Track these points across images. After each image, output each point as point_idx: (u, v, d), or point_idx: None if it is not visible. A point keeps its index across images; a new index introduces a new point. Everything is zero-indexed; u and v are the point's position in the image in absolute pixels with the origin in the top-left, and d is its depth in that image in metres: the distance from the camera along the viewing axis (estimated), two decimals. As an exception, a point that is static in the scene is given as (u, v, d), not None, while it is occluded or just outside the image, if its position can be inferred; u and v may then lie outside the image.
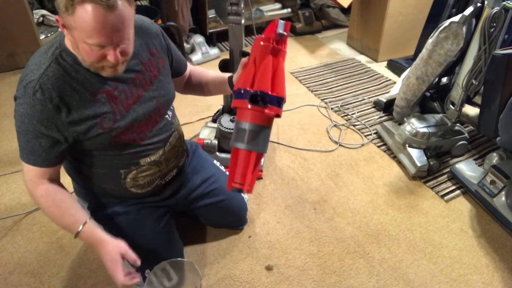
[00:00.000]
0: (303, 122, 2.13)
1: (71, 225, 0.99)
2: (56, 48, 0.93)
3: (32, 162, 0.97)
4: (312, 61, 2.82)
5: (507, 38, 1.53)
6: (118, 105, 0.99)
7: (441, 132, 1.77)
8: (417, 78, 1.85)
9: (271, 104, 0.87)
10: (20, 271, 1.33)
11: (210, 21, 2.92)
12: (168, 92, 1.13)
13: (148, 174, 1.14)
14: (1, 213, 1.55)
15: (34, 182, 0.99)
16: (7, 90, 2.31)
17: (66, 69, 0.92)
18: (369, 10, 2.73)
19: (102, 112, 0.97)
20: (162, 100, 1.10)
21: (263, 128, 0.89)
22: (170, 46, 1.16)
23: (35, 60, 0.93)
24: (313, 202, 1.62)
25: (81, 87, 0.94)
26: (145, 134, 1.07)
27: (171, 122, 1.17)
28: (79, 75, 0.93)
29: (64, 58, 0.92)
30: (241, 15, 1.51)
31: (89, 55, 0.87)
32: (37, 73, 0.90)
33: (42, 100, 0.90)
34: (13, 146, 1.89)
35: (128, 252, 0.99)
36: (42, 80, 0.89)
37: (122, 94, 1.00)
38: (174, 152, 1.20)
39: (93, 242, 1.00)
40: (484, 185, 1.56)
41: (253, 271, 1.34)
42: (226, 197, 1.36)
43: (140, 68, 1.04)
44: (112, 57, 0.87)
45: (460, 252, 1.42)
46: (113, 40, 0.85)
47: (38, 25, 2.92)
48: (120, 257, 0.97)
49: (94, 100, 0.96)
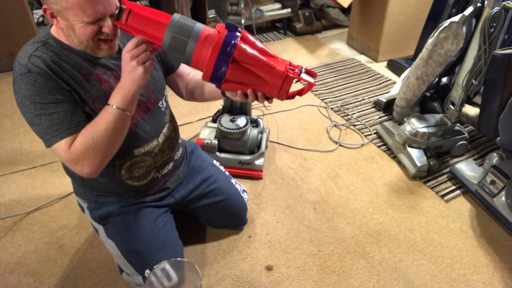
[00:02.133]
0: (303, 122, 2.13)
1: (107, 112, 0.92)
2: (42, 37, 0.95)
3: (66, 133, 0.91)
4: (312, 61, 2.82)
5: (507, 38, 1.53)
6: (108, 89, 1.00)
7: (441, 132, 1.77)
8: (417, 78, 1.85)
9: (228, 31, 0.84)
10: (20, 271, 1.33)
11: (210, 21, 2.92)
12: (156, 80, 1.13)
13: (143, 165, 1.14)
14: (1, 213, 1.55)
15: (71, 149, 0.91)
16: (7, 90, 2.31)
17: (54, 52, 0.93)
18: (369, 10, 2.73)
19: (94, 93, 0.97)
20: (150, 86, 1.10)
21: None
22: None
23: (23, 49, 0.94)
24: (313, 202, 1.62)
25: (72, 68, 0.95)
26: (137, 120, 1.07)
27: (163, 113, 1.18)
28: (68, 58, 0.94)
29: (52, 44, 0.94)
30: (241, 15, 1.51)
31: (85, 33, 0.88)
32: (25, 56, 0.91)
33: (40, 73, 0.89)
34: (13, 146, 1.89)
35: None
36: (33, 59, 0.90)
37: (112, 79, 1.01)
38: (169, 143, 1.20)
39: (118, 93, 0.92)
40: (484, 185, 1.56)
41: (253, 271, 1.34)
42: (226, 197, 1.36)
43: None
44: (108, 28, 0.88)
45: (460, 252, 1.42)
46: (107, 8, 0.86)
47: (38, 25, 2.92)
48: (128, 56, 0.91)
49: (85, 80, 0.96)
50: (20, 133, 1.97)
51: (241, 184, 1.51)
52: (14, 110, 2.11)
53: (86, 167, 0.93)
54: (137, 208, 1.20)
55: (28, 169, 1.76)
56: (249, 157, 1.70)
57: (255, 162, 1.70)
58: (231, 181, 1.43)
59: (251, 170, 1.72)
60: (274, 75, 0.85)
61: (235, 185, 1.43)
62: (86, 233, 1.46)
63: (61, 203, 1.59)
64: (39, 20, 3.04)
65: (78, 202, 1.27)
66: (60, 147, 0.92)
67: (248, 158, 1.70)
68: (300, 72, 0.88)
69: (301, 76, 0.87)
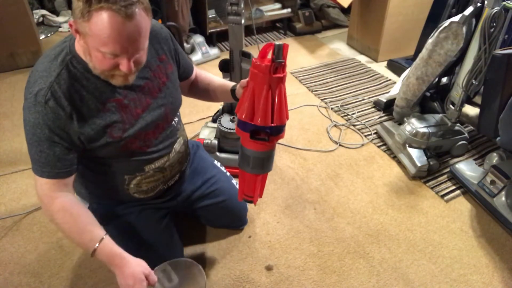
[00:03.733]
0: (303, 122, 2.13)
1: (88, 242, 0.93)
2: (66, 54, 0.90)
3: (46, 175, 0.92)
4: (312, 61, 2.82)
5: (507, 38, 1.53)
6: (128, 114, 0.98)
7: (441, 132, 1.77)
8: (417, 78, 1.85)
9: (272, 135, 0.88)
10: (20, 271, 1.33)
11: (210, 21, 2.92)
12: (175, 100, 1.12)
13: (152, 180, 1.13)
14: (1, 213, 1.55)
15: (49, 196, 0.94)
16: (7, 90, 2.30)
17: (76, 77, 0.90)
18: (369, 10, 2.73)
19: (112, 121, 0.95)
20: (170, 107, 1.09)
21: (266, 153, 0.92)
22: (178, 51, 1.14)
23: (44, 66, 0.90)
24: (313, 202, 1.62)
25: (92, 96, 0.92)
26: (151, 141, 1.06)
27: (176, 128, 1.16)
28: (89, 83, 0.92)
29: (75, 65, 0.90)
30: (241, 15, 1.51)
31: (101, 63, 0.85)
32: (47, 80, 0.88)
33: (54, 108, 0.87)
34: (13, 146, 1.89)
35: (151, 272, 0.95)
36: (54, 88, 0.87)
37: (132, 102, 0.99)
38: (179, 157, 1.20)
39: (112, 258, 0.94)
40: (484, 185, 1.56)
41: (253, 271, 1.34)
42: (227, 197, 1.36)
43: (150, 75, 1.02)
44: (125, 67, 0.85)
45: (460, 252, 1.42)
46: (128, 50, 0.83)
47: (38, 25, 2.92)
48: (144, 277, 0.93)
49: (104, 109, 0.94)
50: (20, 133, 1.97)
51: (241, 184, 1.51)
52: (14, 110, 2.12)
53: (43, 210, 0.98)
54: (138, 210, 1.20)
55: (28, 169, 1.75)
56: (249, 157, 1.70)
57: (255, 162, 1.70)
58: (232, 181, 1.43)
59: (251, 170, 1.71)
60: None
61: (236, 186, 1.43)
62: (86, 233, 1.46)
63: (61, 203, 1.59)
64: (39, 20, 3.04)
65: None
66: (38, 181, 0.94)
67: (248, 158, 1.69)
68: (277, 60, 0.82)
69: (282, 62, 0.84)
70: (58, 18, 3.16)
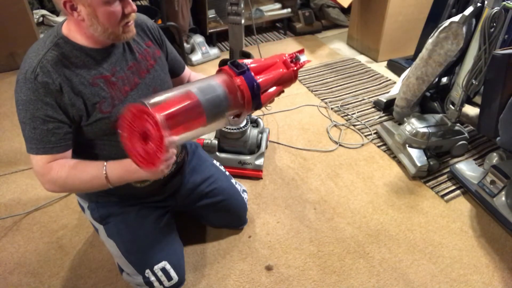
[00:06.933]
0: (303, 122, 2.13)
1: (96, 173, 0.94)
2: (54, 37, 0.94)
3: (42, 151, 0.94)
4: (312, 61, 2.82)
5: (507, 38, 1.53)
6: (116, 91, 1.00)
7: (441, 132, 1.77)
8: (417, 78, 1.85)
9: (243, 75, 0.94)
10: (20, 271, 1.33)
11: (210, 21, 2.92)
12: (164, 83, 1.13)
13: None
14: (1, 213, 1.55)
15: (45, 167, 0.95)
16: (7, 90, 2.31)
17: (65, 55, 0.93)
18: (369, 10, 2.73)
19: (101, 97, 0.98)
20: (158, 90, 1.10)
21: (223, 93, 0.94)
22: (165, 42, 1.18)
23: (33, 49, 0.94)
24: (313, 202, 1.63)
25: (80, 71, 0.95)
26: None
27: None
28: (78, 60, 0.95)
29: (62, 45, 0.94)
30: (241, 15, 1.51)
31: (110, 16, 0.89)
32: (36, 59, 0.91)
33: (44, 83, 0.90)
34: (13, 146, 1.89)
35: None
36: (42, 64, 0.90)
37: (120, 80, 1.01)
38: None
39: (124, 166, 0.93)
40: (484, 185, 1.56)
41: (253, 271, 1.34)
42: (226, 197, 1.36)
43: (137, 56, 1.06)
44: (131, 7, 0.91)
45: (460, 252, 1.42)
46: None
47: (38, 25, 2.92)
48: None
49: (93, 84, 0.97)
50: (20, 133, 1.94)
51: (241, 184, 1.51)
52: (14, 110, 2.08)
53: (47, 186, 0.99)
54: (137, 208, 1.20)
55: (28, 169, 1.75)
56: (249, 157, 1.70)
57: (255, 162, 1.70)
58: (231, 181, 1.43)
59: (251, 170, 1.72)
60: (288, 79, 1.06)
61: (235, 185, 1.43)
62: (86, 233, 1.46)
63: (61, 203, 1.59)
64: (39, 20, 3.03)
65: (78, 201, 1.27)
66: (34, 159, 0.96)
67: (248, 158, 1.70)
68: (296, 58, 1.09)
69: (301, 62, 1.09)
70: (58, 18, 3.16)
